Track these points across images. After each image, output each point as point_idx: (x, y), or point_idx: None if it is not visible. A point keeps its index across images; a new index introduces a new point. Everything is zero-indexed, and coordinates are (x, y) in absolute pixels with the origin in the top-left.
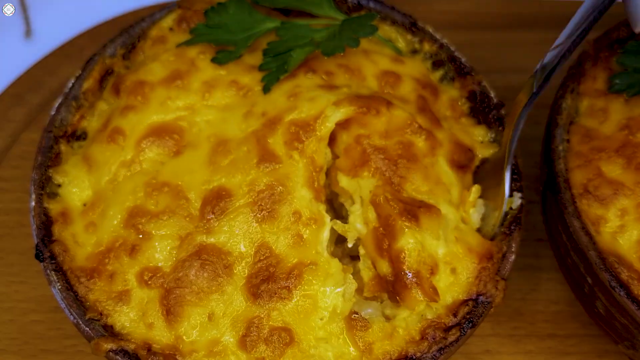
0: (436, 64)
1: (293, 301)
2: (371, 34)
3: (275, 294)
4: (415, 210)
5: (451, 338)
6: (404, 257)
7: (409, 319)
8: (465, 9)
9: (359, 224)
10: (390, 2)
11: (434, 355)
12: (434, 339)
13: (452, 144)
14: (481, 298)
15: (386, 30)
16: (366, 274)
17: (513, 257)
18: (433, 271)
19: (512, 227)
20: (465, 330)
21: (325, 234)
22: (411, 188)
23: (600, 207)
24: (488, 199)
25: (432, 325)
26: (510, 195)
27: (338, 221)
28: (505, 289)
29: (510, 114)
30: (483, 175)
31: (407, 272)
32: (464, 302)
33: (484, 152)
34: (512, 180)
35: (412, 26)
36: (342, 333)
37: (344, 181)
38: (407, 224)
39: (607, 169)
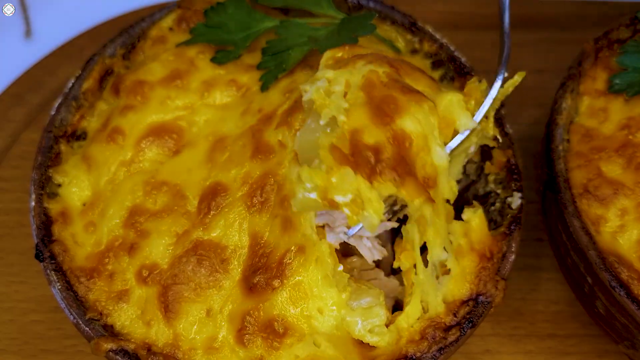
0: (436, 64)
1: (284, 291)
2: (370, 33)
3: (268, 284)
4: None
5: (451, 338)
6: (411, 141)
7: (411, 316)
8: (465, 9)
9: (339, 99)
10: (390, 2)
11: (433, 355)
12: (433, 338)
13: None
14: (481, 298)
15: (386, 30)
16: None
17: (513, 257)
18: (430, 184)
19: (512, 227)
20: (465, 330)
21: (312, 213)
22: (409, 79)
23: (600, 207)
24: None
25: (432, 325)
26: (510, 187)
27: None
28: (505, 288)
29: None
30: None
31: (412, 158)
32: (464, 302)
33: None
34: (513, 177)
35: (411, 26)
36: (340, 329)
37: (328, 72)
38: (410, 98)
39: (607, 168)
